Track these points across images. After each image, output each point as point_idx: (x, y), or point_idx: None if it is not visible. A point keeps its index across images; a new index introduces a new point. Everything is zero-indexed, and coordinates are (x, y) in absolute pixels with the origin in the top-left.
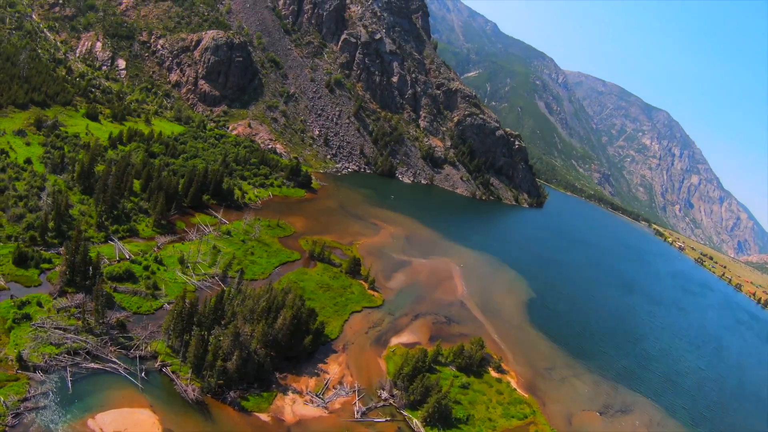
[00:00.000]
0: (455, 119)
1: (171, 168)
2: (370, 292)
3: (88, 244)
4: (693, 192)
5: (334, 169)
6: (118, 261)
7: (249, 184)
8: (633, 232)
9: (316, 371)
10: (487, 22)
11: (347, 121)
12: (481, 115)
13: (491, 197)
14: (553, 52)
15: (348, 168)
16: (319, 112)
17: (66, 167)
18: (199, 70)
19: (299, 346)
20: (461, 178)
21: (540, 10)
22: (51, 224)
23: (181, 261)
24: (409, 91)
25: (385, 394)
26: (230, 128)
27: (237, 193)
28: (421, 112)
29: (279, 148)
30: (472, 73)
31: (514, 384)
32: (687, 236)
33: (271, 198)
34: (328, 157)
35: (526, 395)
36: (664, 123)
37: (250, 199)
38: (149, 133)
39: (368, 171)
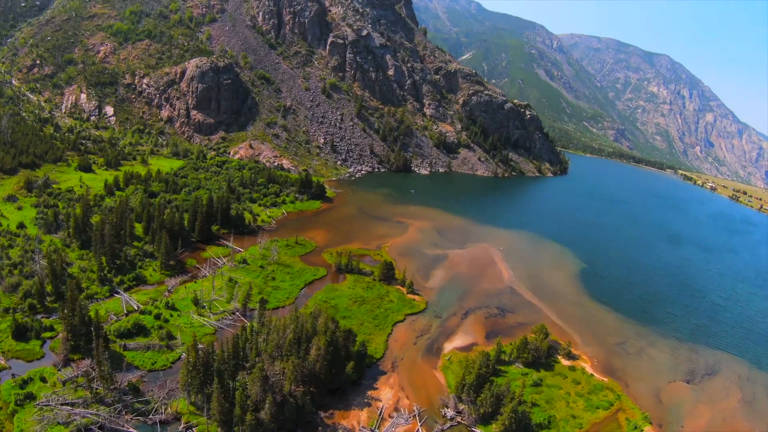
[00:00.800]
0: (460, 100)
1: (174, 204)
2: (410, 296)
3: (86, 302)
4: (710, 131)
5: (346, 175)
6: (126, 315)
7: (260, 205)
8: (662, 181)
9: (366, 400)
10: (470, 2)
11: (351, 123)
12: (486, 92)
13: (513, 173)
14: (542, 19)
15: (361, 171)
16: (320, 120)
17: (61, 224)
18: (189, 101)
19: (341, 376)
20: (479, 159)
21: None
22: (48, 287)
23: (196, 302)
24: (408, 81)
25: (450, 413)
26: (232, 153)
27: (247, 217)
28: (424, 101)
29: (285, 163)
30: (466, 56)
31: (589, 369)
32: (714, 176)
33: (285, 216)
34: (339, 163)
35: (606, 379)
36: (667, 67)
37: (263, 221)
38: (146, 173)
39: (382, 170)
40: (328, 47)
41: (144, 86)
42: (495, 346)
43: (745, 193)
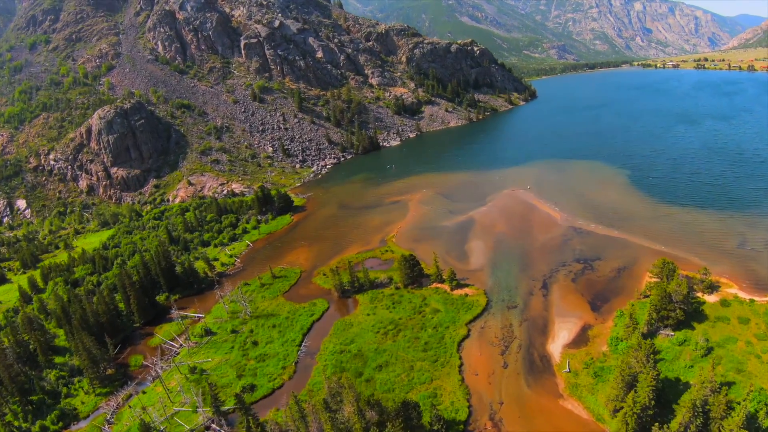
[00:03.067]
0: (403, 59)
1: (104, 286)
2: (458, 292)
3: None
4: (643, 18)
5: (311, 176)
6: None
7: (216, 246)
8: (626, 76)
9: None
10: None
11: (296, 120)
12: (426, 41)
13: (486, 113)
14: None
15: (326, 166)
16: (260, 128)
17: None
18: (105, 159)
19: None
20: (446, 111)
21: None
22: None
23: (146, 430)
24: (341, 57)
25: None
26: (171, 199)
27: (201, 267)
28: (366, 71)
29: (237, 187)
30: None
31: (743, 294)
32: (664, 57)
33: (251, 248)
34: (297, 166)
35: None
36: None
37: (223, 264)
38: (69, 259)
39: (349, 157)
40: (243, 52)
41: (52, 163)
42: (622, 319)
43: (706, 59)
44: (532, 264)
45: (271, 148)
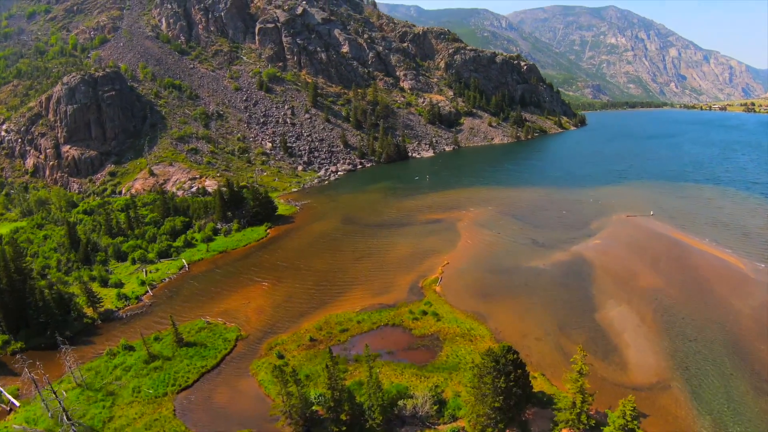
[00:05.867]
0: (441, 64)
1: None
2: None
3: None
4: (678, 64)
5: (315, 180)
6: None
7: (137, 261)
8: (677, 114)
9: None
10: (408, 8)
11: (307, 116)
12: (468, 48)
13: (535, 134)
14: (483, 4)
15: (337, 172)
16: (261, 120)
17: None
18: (59, 134)
19: None
20: (490, 125)
21: None
22: None
23: None
24: (371, 55)
25: None
26: (124, 190)
27: (79, 302)
28: (398, 73)
29: (210, 184)
30: None
31: None
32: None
33: (185, 271)
34: (299, 168)
35: None
36: (617, 17)
37: (123, 297)
38: None
39: (368, 165)
40: (257, 37)
41: (3, 134)
42: None
43: (753, 104)
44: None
45: (270, 144)
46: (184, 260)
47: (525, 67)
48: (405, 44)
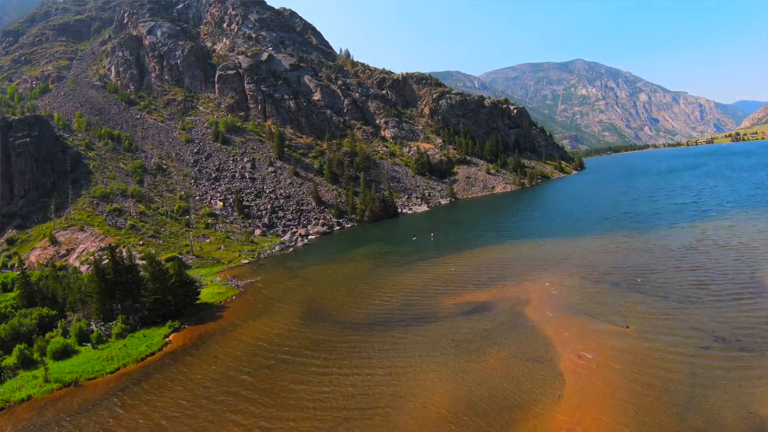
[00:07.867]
0: (425, 110)
1: None
2: None
3: None
4: (650, 108)
5: (277, 248)
6: None
7: None
8: (664, 153)
9: None
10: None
11: (270, 169)
12: (454, 92)
13: (538, 179)
14: (454, 66)
15: (307, 235)
16: (213, 175)
17: None
18: None
19: None
20: (488, 173)
21: (427, 37)
22: None
23: None
24: (346, 102)
25: None
26: (18, 264)
27: None
28: (377, 120)
29: (133, 254)
30: None
31: None
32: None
33: None
34: (256, 232)
35: None
36: (584, 69)
37: None
38: None
39: (348, 225)
40: (217, 85)
41: None
42: None
43: (738, 134)
44: None
45: (221, 203)
46: None
47: (515, 111)
48: (384, 91)
